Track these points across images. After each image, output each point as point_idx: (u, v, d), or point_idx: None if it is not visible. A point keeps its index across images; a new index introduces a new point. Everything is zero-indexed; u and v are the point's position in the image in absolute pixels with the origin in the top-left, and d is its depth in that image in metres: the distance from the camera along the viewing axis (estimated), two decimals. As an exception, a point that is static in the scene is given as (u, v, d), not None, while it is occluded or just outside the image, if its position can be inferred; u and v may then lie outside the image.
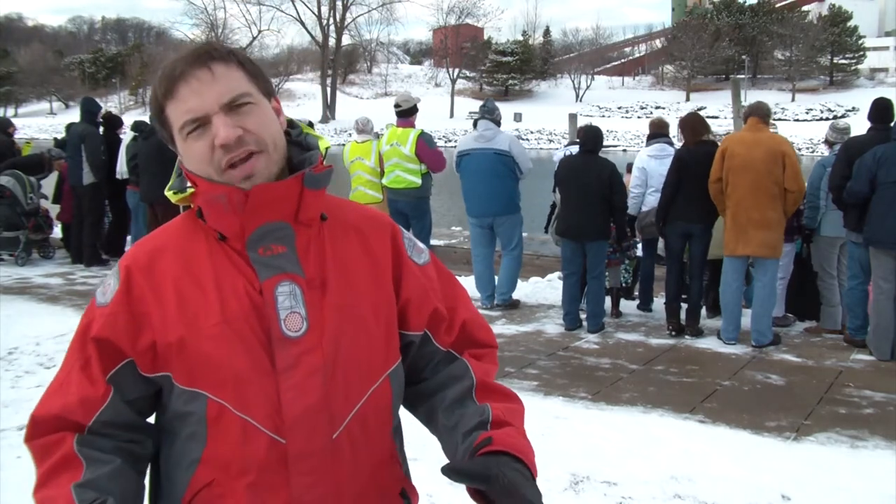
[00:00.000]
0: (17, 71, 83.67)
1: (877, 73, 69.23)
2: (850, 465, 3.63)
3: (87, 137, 8.36)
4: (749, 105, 5.91)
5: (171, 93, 1.15)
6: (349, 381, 1.19)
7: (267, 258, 1.17)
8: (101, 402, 1.17)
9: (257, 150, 1.15)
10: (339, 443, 1.18)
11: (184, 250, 1.20)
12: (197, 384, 1.16)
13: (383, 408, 1.25)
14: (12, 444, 3.72)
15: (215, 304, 1.16)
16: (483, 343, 1.38)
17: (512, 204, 6.74)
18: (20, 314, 6.46)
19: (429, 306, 1.30)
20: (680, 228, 5.91)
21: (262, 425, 1.14)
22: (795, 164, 5.52)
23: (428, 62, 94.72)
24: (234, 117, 1.14)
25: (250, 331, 1.15)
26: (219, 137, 1.12)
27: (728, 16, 72.18)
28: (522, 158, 6.70)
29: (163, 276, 1.18)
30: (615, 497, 3.28)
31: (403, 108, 6.98)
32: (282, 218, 1.17)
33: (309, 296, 1.17)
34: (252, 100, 1.16)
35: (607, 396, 4.63)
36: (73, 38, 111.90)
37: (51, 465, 1.15)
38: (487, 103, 6.97)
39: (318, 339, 1.16)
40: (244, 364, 1.14)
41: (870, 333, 5.45)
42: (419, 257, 1.34)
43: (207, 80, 1.14)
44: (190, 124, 1.14)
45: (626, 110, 69.25)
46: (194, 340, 1.15)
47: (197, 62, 1.15)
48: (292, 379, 1.14)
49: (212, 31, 68.23)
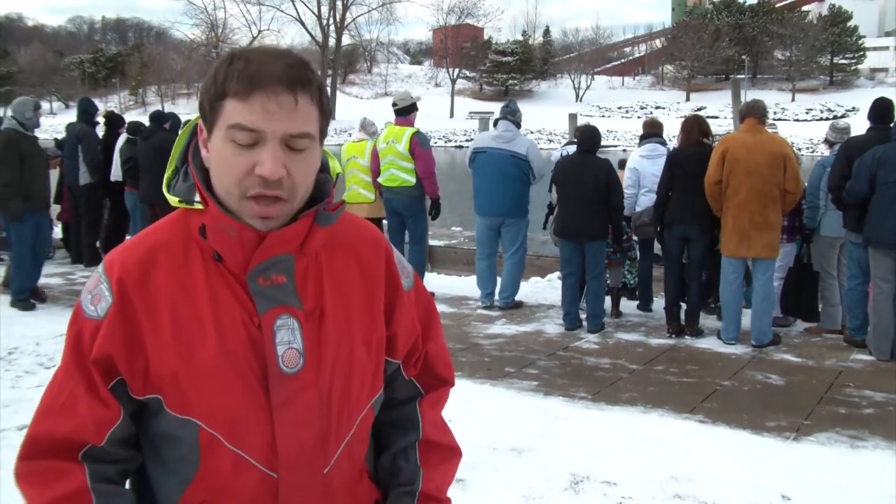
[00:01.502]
0: (17, 71, 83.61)
1: (877, 73, 69.21)
2: (850, 465, 3.63)
3: (83, 138, 8.36)
4: (745, 104, 5.87)
5: (245, 96, 1.06)
6: (342, 415, 1.18)
7: (267, 289, 1.13)
8: (115, 420, 1.13)
9: (285, 199, 1.09)
10: (329, 476, 1.18)
11: (178, 267, 1.14)
12: (188, 413, 1.12)
13: (365, 435, 1.27)
14: (12, 444, 3.72)
15: (212, 336, 1.11)
16: (441, 378, 1.38)
17: (520, 207, 6.73)
18: (20, 314, 6.46)
19: (412, 337, 1.31)
20: (677, 231, 5.90)
21: (254, 460, 1.13)
22: (795, 165, 5.53)
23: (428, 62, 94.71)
24: (287, 154, 1.08)
25: (247, 366, 1.12)
26: (264, 168, 1.06)
27: (728, 16, 72.14)
28: (538, 164, 6.70)
29: (157, 295, 1.12)
30: (615, 497, 3.27)
31: (401, 106, 6.97)
32: (287, 251, 1.14)
33: (307, 329, 1.15)
34: (310, 144, 1.11)
35: (607, 396, 4.63)
36: (73, 38, 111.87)
37: (57, 497, 1.09)
38: (510, 104, 6.97)
39: (314, 376, 1.14)
40: (239, 399, 1.12)
41: (870, 333, 5.45)
42: (406, 280, 1.31)
43: (289, 108, 1.07)
44: (242, 130, 1.06)
45: (626, 110, 69.21)
46: (188, 372, 1.11)
47: (290, 85, 1.07)
48: (288, 416, 1.13)
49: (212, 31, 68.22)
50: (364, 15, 70.52)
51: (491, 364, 5.26)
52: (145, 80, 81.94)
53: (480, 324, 6.34)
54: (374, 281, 1.25)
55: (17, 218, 6.47)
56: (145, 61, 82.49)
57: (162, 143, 7.99)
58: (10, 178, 6.37)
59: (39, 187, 6.63)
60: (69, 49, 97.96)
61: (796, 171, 5.52)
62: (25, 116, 6.62)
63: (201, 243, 1.14)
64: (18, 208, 6.44)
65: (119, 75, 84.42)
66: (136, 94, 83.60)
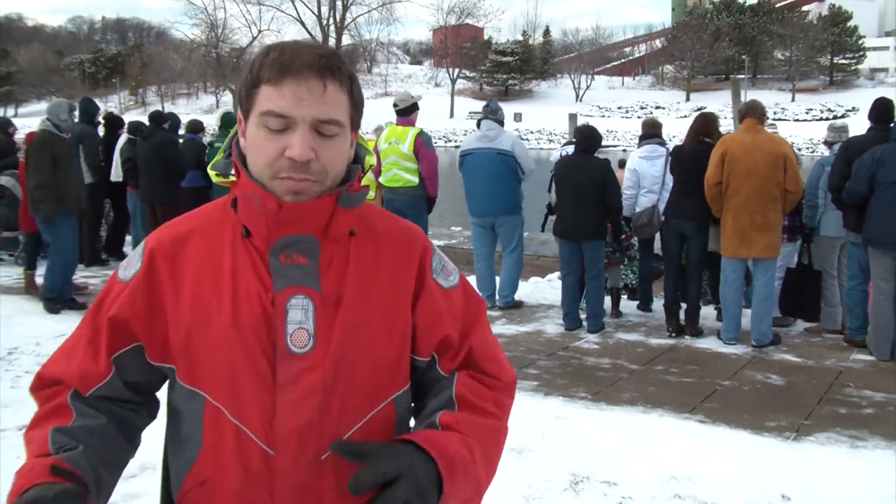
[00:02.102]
0: (17, 71, 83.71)
1: (877, 73, 69.25)
2: (850, 465, 3.63)
3: (84, 138, 8.35)
4: (744, 104, 5.85)
5: (277, 81, 1.12)
6: (348, 404, 1.17)
7: (287, 267, 1.16)
8: (100, 379, 1.20)
9: (314, 181, 1.13)
10: (326, 464, 1.16)
11: (208, 242, 1.20)
12: (197, 384, 1.17)
13: (383, 432, 1.22)
14: (12, 444, 3.72)
15: (228, 305, 1.15)
16: (490, 374, 1.29)
17: (513, 204, 6.73)
18: (20, 314, 6.45)
19: (439, 333, 1.26)
20: (673, 227, 5.92)
21: (254, 435, 1.14)
22: (795, 165, 5.53)
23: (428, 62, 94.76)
24: (315, 138, 1.12)
25: (256, 340, 1.14)
26: (293, 150, 1.10)
27: (728, 16, 72.21)
28: (525, 159, 6.68)
29: (184, 267, 1.19)
30: (615, 497, 3.27)
31: (401, 107, 6.96)
32: (310, 232, 1.16)
33: (321, 312, 1.16)
34: (339, 131, 1.15)
35: (607, 396, 4.63)
36: (73, 38, 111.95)
37: (44, 411, 1.20)
38: (491, 103, 6.95)
39: (321, 358, 1.15)
40: (245, 372, 1.14)
41: (870, 333, 5.45)
42: (446, 280, 1.29)
43: (317, 93, 1.12)
44: (273, 116, 1.11)
45: (626, 110, 69.26)
46: (200, 340, 1.16)
47: (319, 71, 1.12)
48: (290, 394, 1.14)
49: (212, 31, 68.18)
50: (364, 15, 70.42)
51: (491, 364, 5.25)
52: (145, 80, 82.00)
53: (480, 324, 6.34)
54: (404, 275, 1.24)
55: (51, 220, 6.41)
56: (145, 61, 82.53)
57: (161, 143, 8.00)
58: (43, 179, 6.30)
59: (72, 190, 6.54)
60: (69, 49, 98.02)
61: (796, 170, 5.52)
62: (60, 118, 6.55)
63: (234, 221, 1.20)
64: (51, 210, 6.36)
65: (119, 75, 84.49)
66: (136, 94, 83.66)
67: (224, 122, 8.42)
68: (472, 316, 1.31)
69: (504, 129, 6.80)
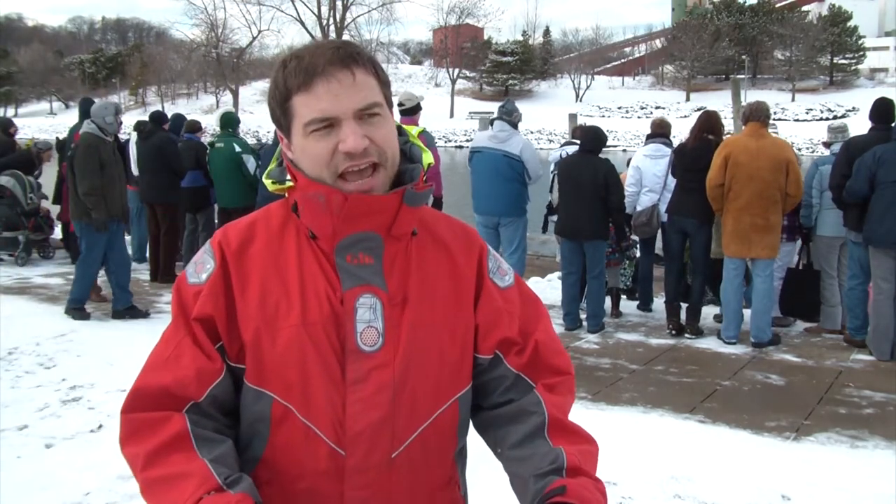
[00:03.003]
0: (17, 71, 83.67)
1: (877, 73, 69.19)
2: (850, 465, 3.63)
3: (84, 138, 8.33)
4: (748, 106, 5.80)
5: (307, 87, 1.12)
6: (417, 402, 1.18)
7: (353, 267, 1.16)
8: (217, 374, 1.16)
9: (379, 162, 1.14)
10: (398, 462, 1.17)
11: (274, 242, 1.20)
12: (264, 384, 1.16)
13: (448, 431, 1.23)
14: (12, 443, 3.72)
15: (297, 304, 1.15)
16: (557, 369, 1.31)
17: (517, 207, 6.72)
18: (20, 314, 6.45)
19: (500, 332, 1.26)
20: (675, 224, 5.92)
21: (324, 434, 1.14)
22: (798, 170, 5.53)
23: (428, 62, 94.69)
24: (363, 126, 1.13)
25: (326, 338, 1.14)
26: (347, 144, 1.11)
27: (728, 16, 72.13)
28: (533, 164, 6.66)
29: (250, 265, 1.18)
30: (615, 497, 3.27)
31: (407, 106, 6.98)
32: (375, 229, 1.16)
33: (388, 311, 1.16)
34: (381, 111, 1.16)
35: (607, 396, 4.63)
36: (73, 39, 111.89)
37: (161, 442, 1.11)
38: (507, 104, 6.94)
39: (391, 356, 1.15)
40: (315, 370, 1.14)
41: (870, 333, 5.45)
42: (502, 280, 1.31)
43: (348, 84, 1.12)
44: (318, 123, 1.12)
45: (626, 110, 69.22)
46: (269, 338, 1.15)
47: (341, 63, 1.13)
48: (360, 392, 1.14)
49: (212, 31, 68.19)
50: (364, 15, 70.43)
51: (491, 364, 5.25)
52: (145, 81, 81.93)
53: (480, 324, 6.34)
54: (465, 275, 1.25)
55: (102, 228, 6.16)
56: (145, 61, 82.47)
57: (161, 143, 7.99)
58: (93, 185, 6.04)
59: (119, 196, 6.30)
60: (69, 49, 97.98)
61: (798, 175, 5.52)
62: (106, 121, 6.26)
63: (297, 224, 1.20)
64: (102, 218, 6.11)
65: (119, 75, 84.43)
66: (136, 94, 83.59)
67: (223, 123, 8.41)
68: (532, 312, 1.33)
69: (517, 131, 6.79)
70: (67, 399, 4.47)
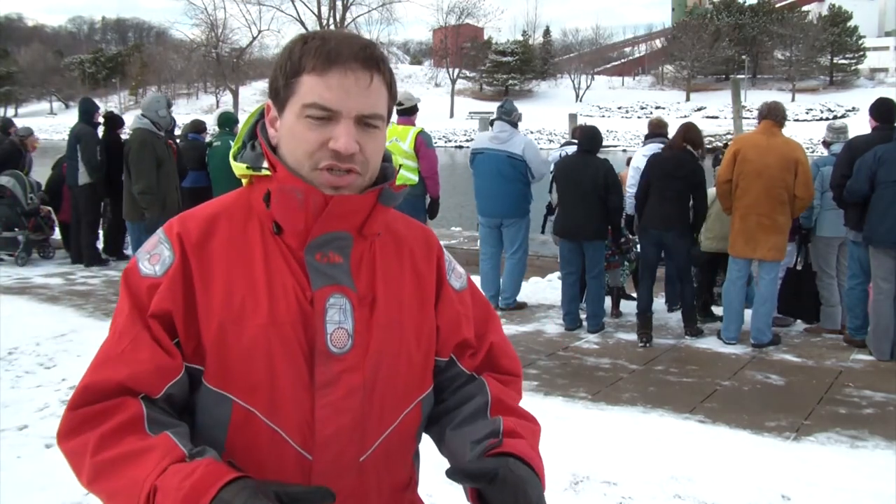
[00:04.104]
0: (17, 71, 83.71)
1: (877, 73, 69.19)
2: (850, 465, 3.63)
3: (82, 138, 8.33)
4: (765, 104, 5.76)
5: (323, 71, 1.08)
6: (385, 404, 1.16)
7: (324, 266, 1.13)
8: (177, 371, 1.10)
9: (359, 173, 1.12)
10: (365, 465, 1.15)
11: (237, 235, 1.14)
12: (226, 387, 1.10)
13: (410, 433, 1.23)
14: (12, 443, 3.72)
15: (264, 302, 1.10)
16: (506, 370, 1.33)
17: (520, 207, 6.71)
18: (20, 314, 6.45)
19: (458, 335, 1.27)
20: (652, 237, 5.90)
21: (290, 438, 1.11)
22: (807, 171, 5.50)
23: (428, 62, 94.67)
24: (359, 131, 1.11)
25: (295, 338, 1.10)
26: (338, 142, 1.08)
27: (728, 16, 72.15)
28: (536, 163, 6.65)
29: (213, 259, 1.12)
30: (615, 497, 3.27)
31: (406, 106, 6.97)
32: (347, 228, 1.14)
33: (358, 312, 1.14)
34: (381, 125, 1.14)
35: (607, 396, 4.63)
36: (73, 38, 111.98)
37: (116, 424, 1.05)
38: (506, 104, 6.93)
39: (360, 359, 1.13)
40: (282, 372, 1.09)
41: (870, 333, 5.45)
42: (457, 282, 1.30)
43: (364, 86, 1.10)
44: (317, 109, 1.09)
45: (626, 110, 69.21)
46: (234, 337, 1.09)
47: (365, 63, 1.10)
48: (330, 396, 1.10)
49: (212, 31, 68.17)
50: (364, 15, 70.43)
51: (491, 364, 5.25)
52: (145, 80, 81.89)
53: (480, 324, 6.33)
54: (426, 276, 1.25)
55: (153, 228, 6.03)
56: (145, 61, 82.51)
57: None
58: (149, 184, 5.81)
59: (174, 193, 6.06)
60: (69, 49, 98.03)
61: (808, 176, 5.49)
62: (159, 115, 6.00)
63: (261, 217, 1.15)
64: (156, 218, 5.87)
65: (119, 75, 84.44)
66: (136, 94, 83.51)
67: (222, 122, 8.40)
68: (484, 314, 1.33)
69: (517, 130, 6.78)
70: (67, 399, 4.47)
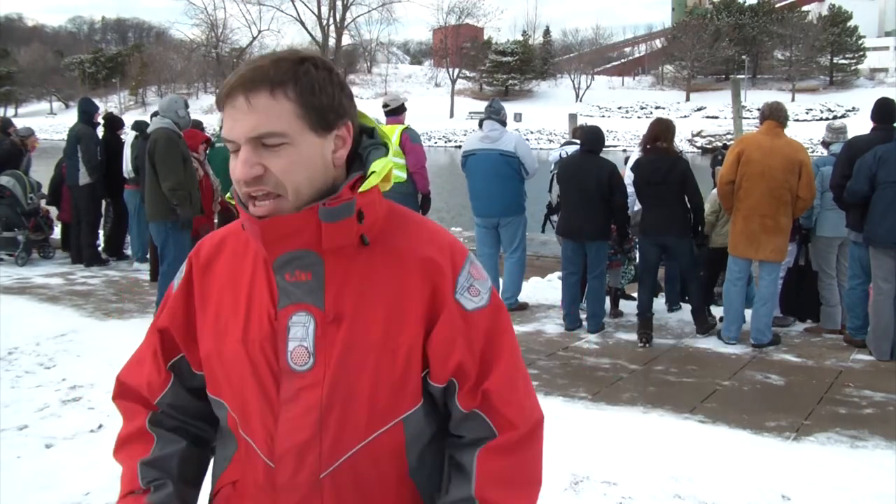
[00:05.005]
0: (17, 71, 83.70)
1: (877, 73, 69.17)
2: (850, 465, 3.63)
3: (82, 138, 8.34)
4: (767, 105, 5.75)
5: (221, 106, 1.13)
6: (347, 423, 1.14)
7: (290, 284, 1.15)
8: (163, 387, 1.28)
9: (275, 194, 1.10)
10: (326, 483, 1.15)
11: (237, 257, 1.23)
12: (220, 395, 1.22)
13: (389, 453, 1.18)
14: (12, 444, 3.72)
15: (241, 321, 1.18)
16: (505, 419, 1.19)
17: (516, 205, 6.72)
18: (20, 314, 6.44)
19: (453, 359, 1.17)
20: (652, 240, 5.89)
21: (259, 449, 1.17)
22: (811, 172, 5.49)
23: (428, 62, 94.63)
24: (260, 153, 1.09)
25: (262, 355, 1.16)
26: (234, 172, 1.11)
27: (728, 16, 72.15)
28: (528, 159, 6.67)
29: (213, 280, 1.24)
30: (615, 497, 3.27)
31: (392, 107, 7.02)
32: (305, 246, 1.12)
33: (321, 330, 1.14)
34: (286, 140, 1.09)
35: (607, 396, 4.63)
36: (73, 38, 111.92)
37: (128, 432, 1.29)
38: (493, 103, 6.95)
39: (321, 376, 1.13)
40: (251, 386, 1.17)
41: (870, 333, 5.45)
42: (470, 301, 1.19)
43: (243, 110, 1.09)
44: (228, 143, 1.13)
45: (626, 110, 69.20)
46: (217, 354, 1.20)
47: (241, 87, 1.09)
48: (289, 412, 1.14)
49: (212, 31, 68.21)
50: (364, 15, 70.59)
51: (491, 364, 5.25)
52: (145, 81, 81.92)
53: (480, 324, 6.33)
54: (419, 291, 1.17)
55: (189, 225, 5.93)
56: (145, 61, 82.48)
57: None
58: (179, 181, 5.81)
59: (197, 192, 6.09)
60: (69, 49, 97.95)
61: (811, 178, 5.48)
62: (179, 115, 6.09)
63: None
64: (189, 215, 5.88)
65: (119, 75, 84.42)
66: (136, 94, 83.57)
67: (224, 123, 8.40)
68: (494, 347, 1.20)
69: (507, 129, 6.79)
70: (67, 399, 4.47)
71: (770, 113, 5.65)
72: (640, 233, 5.97)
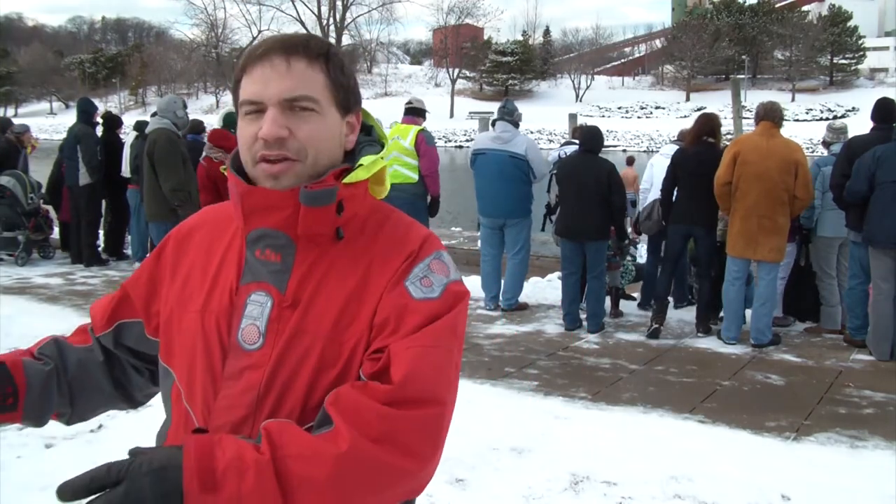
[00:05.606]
0: (17, 71, 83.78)
1: (877, 73, 69.23)
2: (850, 465, 3.63)
3: (82, 138, 8.33)
4: (761, 105, 5.76)
5: (247, 69, 1.14)
6: (281, 410, 1.10)
7: (258, 262, 1.16)
8: (99, 331, 1.33)
9: (294, 159, 1.11)
10: None
11: (217, 229, 1.25)
12: (170, 363, 1.22)
13: None
14: (12, 443, 3.71)
15: (204, 292, 1.19)
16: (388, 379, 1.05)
17: (522, 207, 6.71)
18: (20, 314, 6.44)
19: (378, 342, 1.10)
20: (682, 230, 5.92)
21: (197, 421, 1.15)
22: (807, 172, 5.50)
23: (428, 62, 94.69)
24: (288, 117, 1.11)
25: (216, 329, 1.15)
26: (262, 130, 1.10)
27: (728, 16, 72.21)
28: (538, 163, 6.66)
29: (189, 251, 1.25)
30: (615, 497, 3.27)
31: (414, 105, 7.01)
32: (278, 227, 1.12)
33: (277, 312, 1.13)
34: (315, 107, 1.12)
35: (607, 396, 4.63)
36: (73, 38, 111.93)
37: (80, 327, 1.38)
38: (507, 104, 6.93)
39: (266, 358, 1.11)
40: (200, 357, 1.16)
41: (869, 333, 5.45)
42: (418, 290, 1.12)
43: (281, 71, 1.11)
44: (248, 105, 1.13)
45: (626, 110, 69.27)
46: (177, 321, 1.21)
47: (281, 50, 1.12)
48: (229, 389, 1.12)
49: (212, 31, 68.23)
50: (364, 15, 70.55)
51: (491, 364, 5.26)
52: (145, 80, 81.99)
53: (480, 324, 6.34)
54: (375, 289, 1.13)
55: None
56: (145, 61, 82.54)
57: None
58: (180, 181, 5.84)
59: (196, 192, 6.07)
60: (69, 49, 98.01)
61: (808, 178, 5.49)
62: (178, 115, 6.08)
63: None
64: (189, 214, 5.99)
65: (119, 75, 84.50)
66: (136, 94, 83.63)
67: (227, 122, 8.40)
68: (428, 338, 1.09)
69: (519, 130, 6.78)
70: (67, 399, 4.47)
71: (765, 113, 5.65)
72: (671, 221, 5.98)
